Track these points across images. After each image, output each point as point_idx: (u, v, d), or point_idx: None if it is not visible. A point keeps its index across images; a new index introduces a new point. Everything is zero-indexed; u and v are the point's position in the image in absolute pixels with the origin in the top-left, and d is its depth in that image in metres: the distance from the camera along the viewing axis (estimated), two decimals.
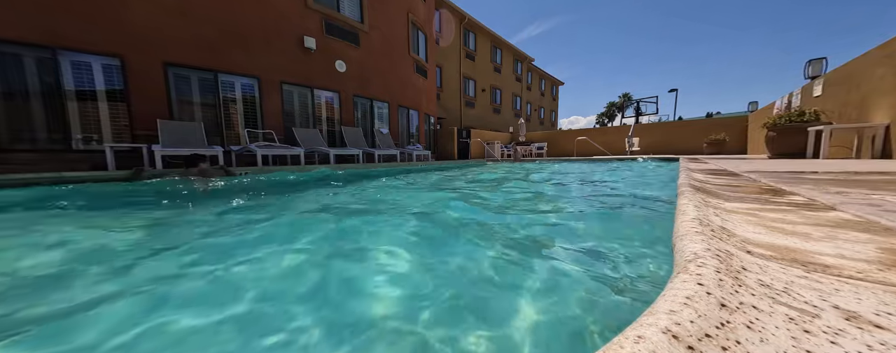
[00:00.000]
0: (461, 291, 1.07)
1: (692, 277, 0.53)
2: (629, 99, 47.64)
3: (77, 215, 2.43)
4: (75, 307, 0.99)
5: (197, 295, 1.09)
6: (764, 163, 4.16)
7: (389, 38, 10.24)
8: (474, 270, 1.24)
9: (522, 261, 1.31)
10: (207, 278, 1.21)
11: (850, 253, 0.67)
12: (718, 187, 1.80)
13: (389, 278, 1.18)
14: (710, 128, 11.37)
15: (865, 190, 1.50)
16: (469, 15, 18.95)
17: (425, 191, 3.68)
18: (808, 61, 6.69)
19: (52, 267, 1.36)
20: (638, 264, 1.27)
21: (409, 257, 1.35)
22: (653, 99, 19.96)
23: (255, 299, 1.02)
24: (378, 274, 1.22)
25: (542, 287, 1.08)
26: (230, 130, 6.73)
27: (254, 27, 6.86)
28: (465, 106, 20.60)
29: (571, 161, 9.53)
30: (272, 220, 2.10)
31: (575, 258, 1.34)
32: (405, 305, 0.99)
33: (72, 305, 1.01)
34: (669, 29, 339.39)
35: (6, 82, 4.60)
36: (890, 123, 4.15)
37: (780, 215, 1.04)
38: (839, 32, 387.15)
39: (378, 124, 10.08)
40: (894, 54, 4.09)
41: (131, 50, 5.43)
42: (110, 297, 1.05)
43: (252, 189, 3.78)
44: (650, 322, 0.39)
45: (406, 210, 2.42)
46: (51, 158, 4.86)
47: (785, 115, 5.95)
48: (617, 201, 2.73)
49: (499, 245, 1.50)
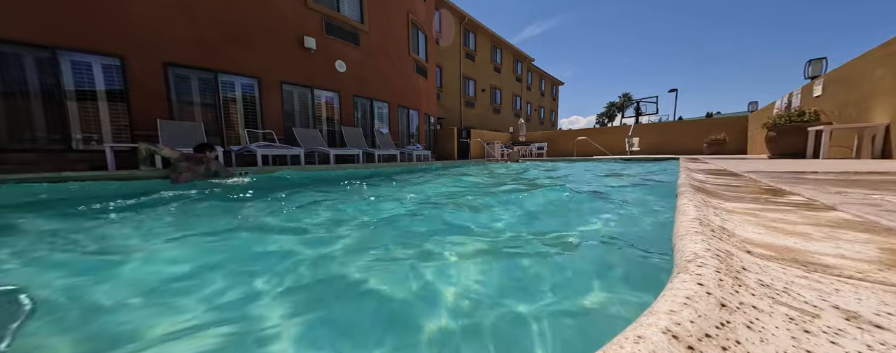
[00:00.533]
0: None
1: (692, 277, 0.53)
2: (629, 99, 47.65)
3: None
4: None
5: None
6: (764, 163, 4.16)
7: (389, 38, 10.24)
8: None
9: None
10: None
11: (851, 253, 0.66)
12: (718, 186, 1.80)
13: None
14: (710, 128, 11.37)
15: (865, 190, 1.50)
16: (469, 15, 18.95)
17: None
18: (808, 61, 6.69)
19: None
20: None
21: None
22: (653, 99, 19.96)
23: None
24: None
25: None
26: (230, 130, 6.73)
27: (254, 27, 6.85)
28: (465, 106, 20.60)
29: (573, 161, 9.53)
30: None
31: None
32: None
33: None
34: (670, 29, 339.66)
35: (6, 82, 4.60)
36: (890, 123, 4.15)
37: (780, 215, 1.04)
38: (840, 31, 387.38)
39: (378, 124, 10.08)
40: (894, 54, 4.09)
41: (131, 50, 5.43)
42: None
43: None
44: (650, 322, 0.39)
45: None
46: (50, 158, 4.86)
47: (785, 115, 5.95)
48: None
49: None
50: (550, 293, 1.05)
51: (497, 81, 23.78)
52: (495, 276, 1.20)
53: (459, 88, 19.94)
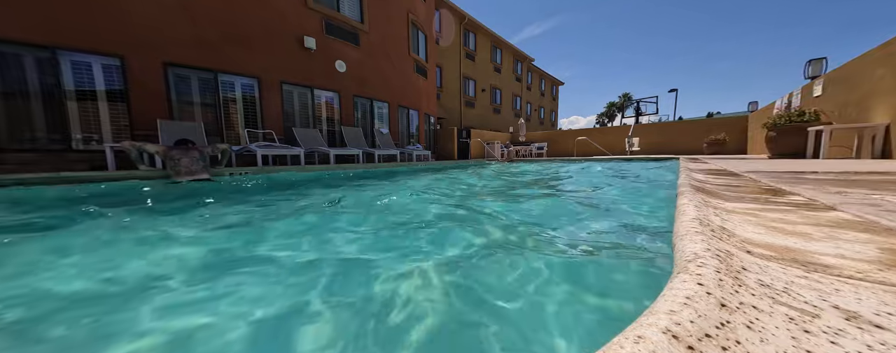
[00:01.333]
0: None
1: (692, 277, 0.53)
2: (629, 99, 47.64)
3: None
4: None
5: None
6: (764, 163, 4.16)
7: (389, 38, 10.24)
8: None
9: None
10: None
11: (851, 253, 0.66)
12: (718, 186, 1.80)
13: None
14: (710, 128, 11.37)
15: (865, 190, 1.50)
16: (469, 15, 18.95)
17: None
18: (808, 61, 6.69)
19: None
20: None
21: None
22: (653, 99, 19.97)
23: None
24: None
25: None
26: (230, 130, 6.73)
27: (254, 27, 6.85)
28: (465, 106, 20.60)
29: (573, 161, 9.53)
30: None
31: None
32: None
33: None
34: (670, 29, 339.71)
35: (6, 82, 4.60)
36: (890, 123, 4.15)
37: (780, 215, 1.04)
38: (841, 31, 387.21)
39: (378, 124, 10.08)
40: (894, 54, 4.09)
41: (131, 50, 5.43)
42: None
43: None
44: (650, 322, 0.39)
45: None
46: (50, 158, 4.86)
47: (785, 115, 5.95)
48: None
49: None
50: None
51: (497, 81, 23.78)
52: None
53: (459, 88, 19.94)
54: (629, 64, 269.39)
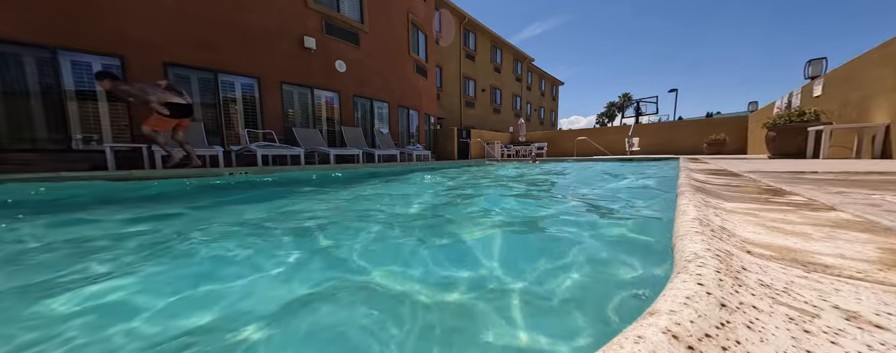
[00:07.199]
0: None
1: (692, 277, 0.53)
2: (629, 99, 47.66)
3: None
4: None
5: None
6: (764, 163, 4.16)
7: (389, 38, 10.24)
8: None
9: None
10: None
11: (851, 253, 0.66)
12: (718, 187, 1.80)
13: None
14: (710, 128, 11.38)
15: (865, 190, 1.50)
16: (469, 15, 18.95)
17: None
18: (807, 61, 6.69)
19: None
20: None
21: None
22: (653, 99, 19.95)
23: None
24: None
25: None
26: (230, 130, 6.74)
27: (254, 27, 6.85)
28: (465, 106, 20.60)
29: (574, 161, 9.53)
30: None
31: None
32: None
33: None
34: (670, 29, 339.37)
35: (6, 82, 4.60)
36: (890, 123, 4.15)
37: (780, 215, 1.04)
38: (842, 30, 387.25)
39: (378, 124, 10.08)
40: (894, 54, 4.09)
41: (131, 50, 5.43)
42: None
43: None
44: (650, 322, 0.39)
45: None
46: (50, 158, 4.86)
47: (785, 115, 5.96)
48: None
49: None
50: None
51: (497, 81, 23.78)
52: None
53: (459, 88, 19.94)
54: (629, 64, 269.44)
